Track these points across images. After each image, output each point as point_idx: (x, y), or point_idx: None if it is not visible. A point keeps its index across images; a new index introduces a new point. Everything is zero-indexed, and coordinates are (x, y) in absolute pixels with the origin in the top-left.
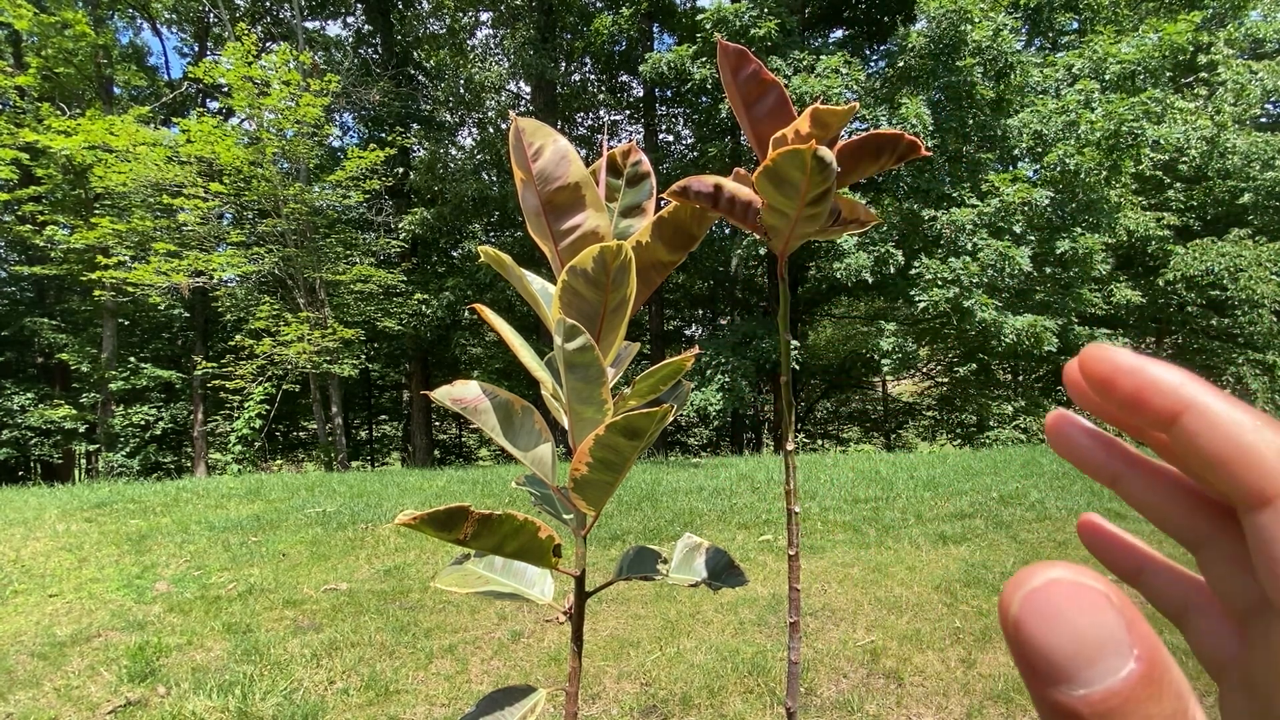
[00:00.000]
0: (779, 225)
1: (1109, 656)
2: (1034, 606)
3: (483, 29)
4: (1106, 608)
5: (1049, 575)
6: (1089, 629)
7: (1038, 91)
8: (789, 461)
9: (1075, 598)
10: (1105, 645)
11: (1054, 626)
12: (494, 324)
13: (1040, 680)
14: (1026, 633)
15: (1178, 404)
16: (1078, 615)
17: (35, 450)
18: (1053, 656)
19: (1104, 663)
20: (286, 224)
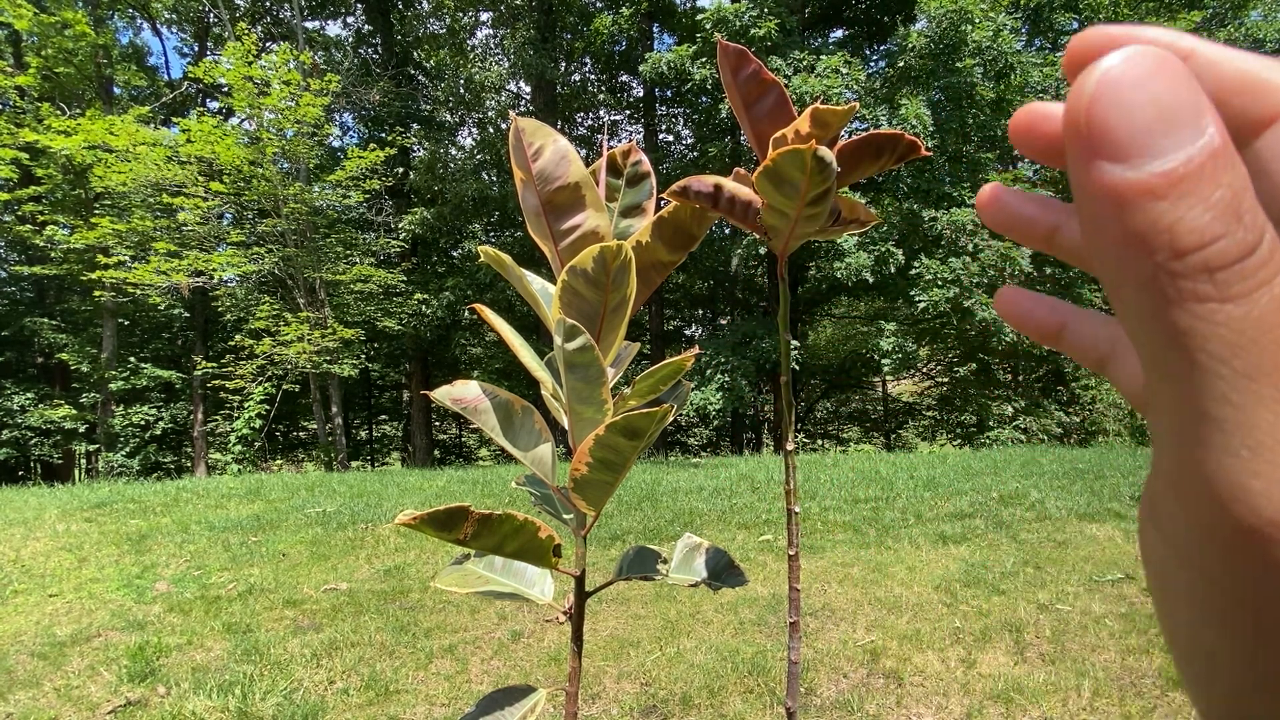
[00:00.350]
0: (779, 225)
1: (1187, 127)
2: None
3: (483, 29)
4: (1187, 79)
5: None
6: (1169, 98)
7: (1038, 92)
8: (789, 461)
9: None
10: (1185, 116)
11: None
12: (494, 324)
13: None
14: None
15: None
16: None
17: (35, 450)
18: (1128, 128)
19: (1181, 131)
20: (286, 224)
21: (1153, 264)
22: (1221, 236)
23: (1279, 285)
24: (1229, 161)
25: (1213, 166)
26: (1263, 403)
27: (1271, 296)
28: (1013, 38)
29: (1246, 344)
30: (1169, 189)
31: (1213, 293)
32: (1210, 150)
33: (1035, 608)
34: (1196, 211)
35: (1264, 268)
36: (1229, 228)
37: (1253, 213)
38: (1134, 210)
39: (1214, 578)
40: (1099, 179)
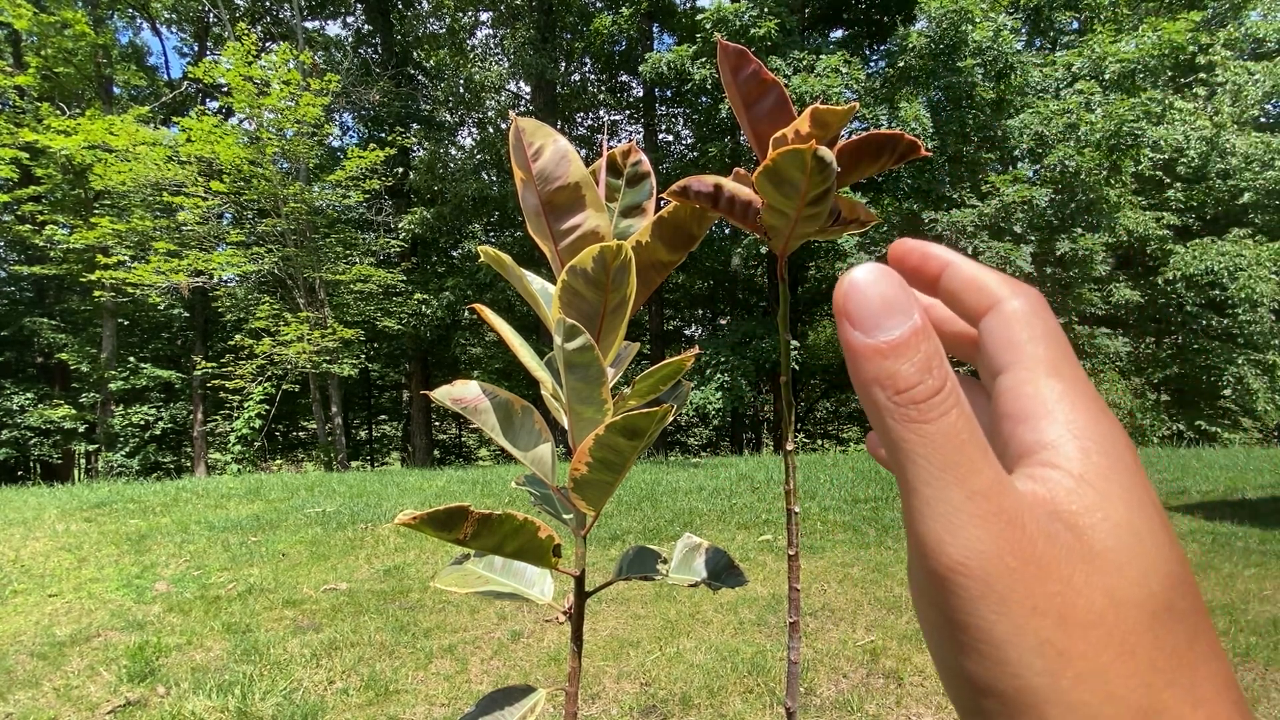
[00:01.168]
0: (779, 225)
1: (900, 314)
2: (855, 283)
3: (483, 29)
4: (901, 285)
5: (865, 265)
6: (890, 297)
7: (1038, 92)
8: (789, 461)
9: (883, 276)
10: (900, 307)
11: (869, 295)
12: (494, 324)
13: (861, 328)
14: (853, 299)
15: (941, 263)
16: (885, 287)
17: (35, 450)
18: (869, 313)
19: (898, 317)
20: (286, 224)
21: (884, 396)
22: (920, 382)
23: (953, 414)
24: (926, 335)
25: (916, 339)
26: (949, 485)
27: (950, 419)
28: (1013, 38)
29: (937, 448)
30: (891, 351)
31: (917, 416)
32: (914, 329)
33: None
34: (907, 366)
35: (945, 401)
36: (924, 377)
37: (939, 367)
38: (872, 363)
39: (932, 607)
40: (851, 341)
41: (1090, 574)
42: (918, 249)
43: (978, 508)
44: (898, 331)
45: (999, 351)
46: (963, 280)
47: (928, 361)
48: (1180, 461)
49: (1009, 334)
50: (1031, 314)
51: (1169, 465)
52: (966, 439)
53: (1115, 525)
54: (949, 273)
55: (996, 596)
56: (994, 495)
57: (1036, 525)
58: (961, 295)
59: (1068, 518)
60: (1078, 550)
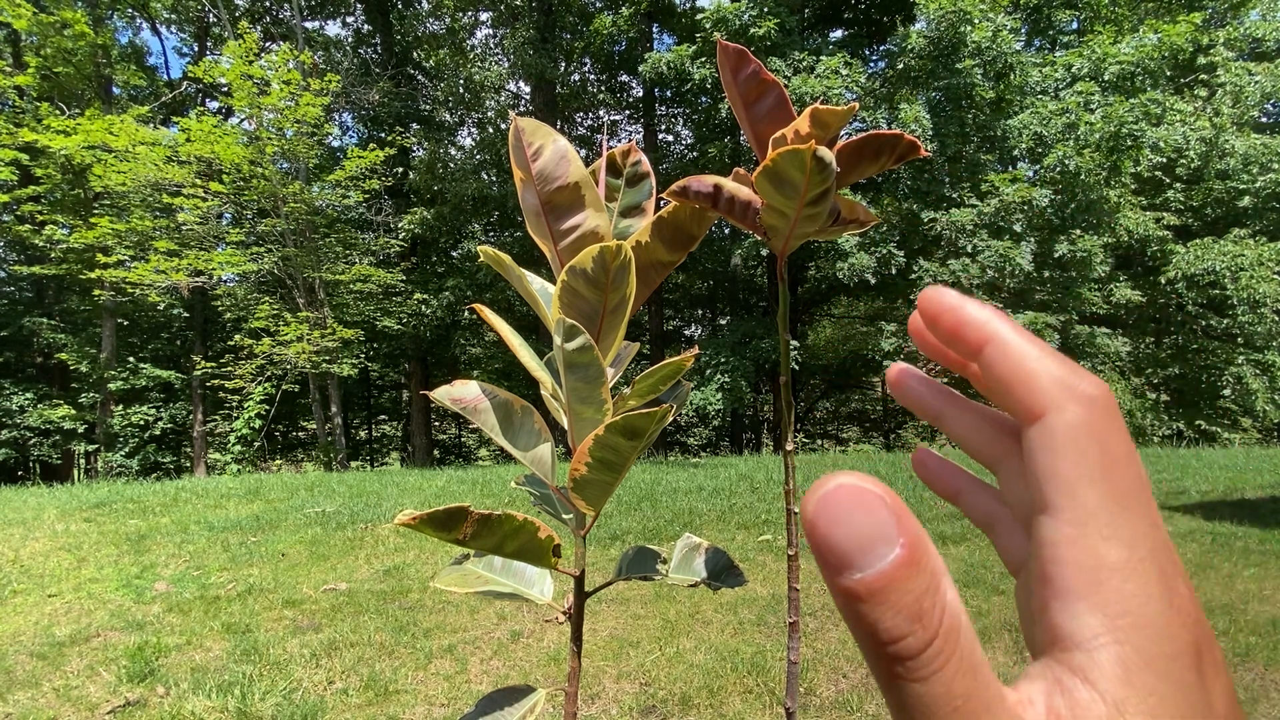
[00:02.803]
0: (779, 225)
1: (879, 545)
2: (823, 508)
3: (482, 29)
4: (880, 507)
5: (836, 481)
6: (865, 525)
7: (1037, 92)
8: (788, 461)
9: (855, 499)
10: (877, 537)
11: (838, 524)
12: (494, 324)
13: (830, 569)
14: (819, 531)
15: (983, 336)
16: (856, 514)
17: (34, 450)
18: (837, 549)
19: (875, 550)
20: (286, 223)
21: (868, 647)
22: (907, 635)
23: (948, 670)
24: (914, 570)
25: (901, 576)
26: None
27: (944, 679)
28: (1012, 38)
29: (932, 711)
30: (869, 596)
31: (904, 674)
32: (898, 563)
33: None
34: (889, 615)
35: (936, 658)
36: (911, 628)
37: (930, 611)
38: (850, 607)
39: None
40: (827, 580)
41: None
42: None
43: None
44: (878, 567)
45: (1044, 482)
46: (1008, 370)
47: (916, 606)
48: (1180, 461)
49: (1055, 463)
50: (1086, 436)
51: (1169, 465)
52: (963, 701)
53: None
54: (990, 353)
55: None
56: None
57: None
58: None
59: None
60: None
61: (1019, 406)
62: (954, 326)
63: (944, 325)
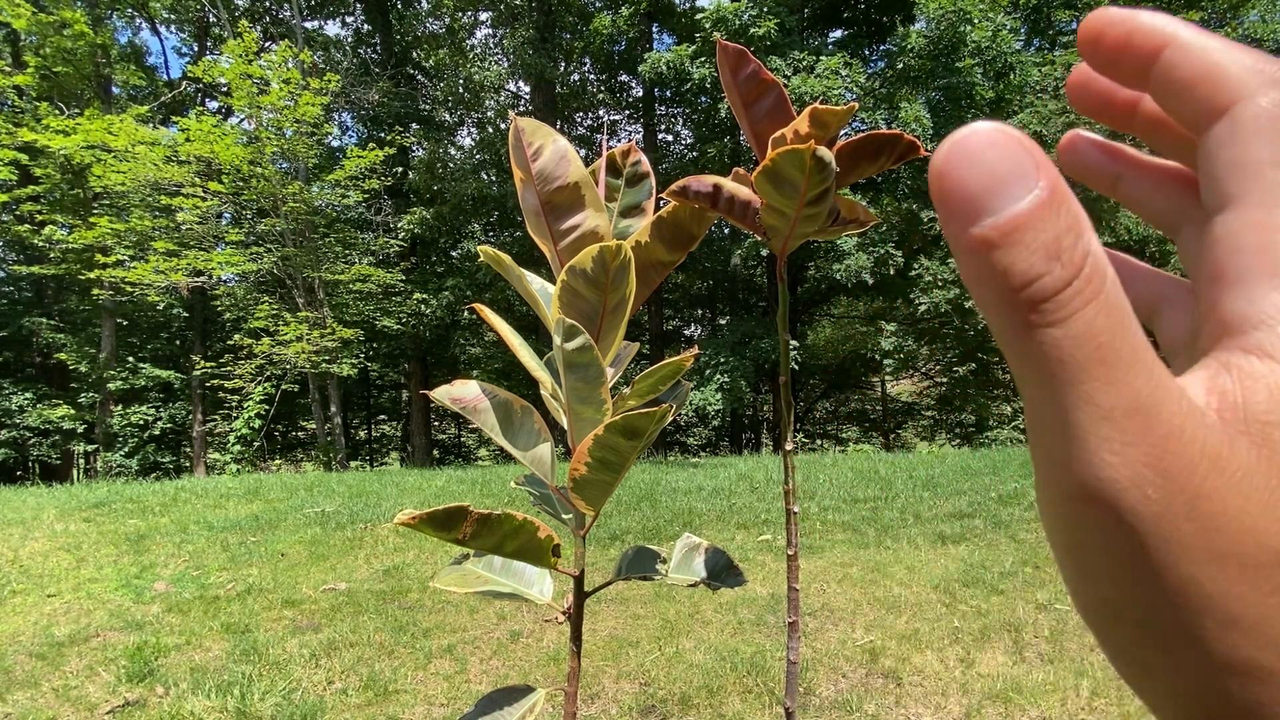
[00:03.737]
0: (778, 225)
1: (1015, 186)
2: (955, 153)
3: (482, 29)
4: (1018, 148)
5: (971, 127)
6: (1000, 165)
7: (1037, 91)
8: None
9: (990, 141)
10: (1013, 177)
11: (971, 167)
12: (493, 324)
13: (959, 219)
14: (950, 176)
15: (1159, 40)
16: (990, 153)
17: (34, 450)
18: (968, 193)
19: (1011, 191)
20: (285, 223)
21: (997, 299)
22: (1044, 275)
23: (1090, 310)
24: (1054, 210)
25: (1038, 216)
26: (1078, 405)
27: (1083, 319)
28: (1012, 37)
29: (1065, 359)
30: (1002, 239)
31: (1039, 320)
32: (1036, 203)
33: (1034, 607)
34: (1024, 255)
35: (1077, 296)
36: (1050, 266)
37: (1071, 250)
38: (978, 257)
39: (1064, 536)
40: (952, 232)
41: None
42: (1123, 20)
43: (1113, 430)
44: (1013, 209)
45: (1224, 178)
46: (1189, 69)
47: (1055, 244)
48: None
49: (1242, 151)
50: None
51: None
52: (1106, 340)
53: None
54: (1169, 56)
55: (1130, 532)
56: (1139, 412)
57: (1200, 444)
58: (1186, 93)
59: (1259, 430)
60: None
61: (1203, 105)
62: (1124, 36)
63: (1110, 40)
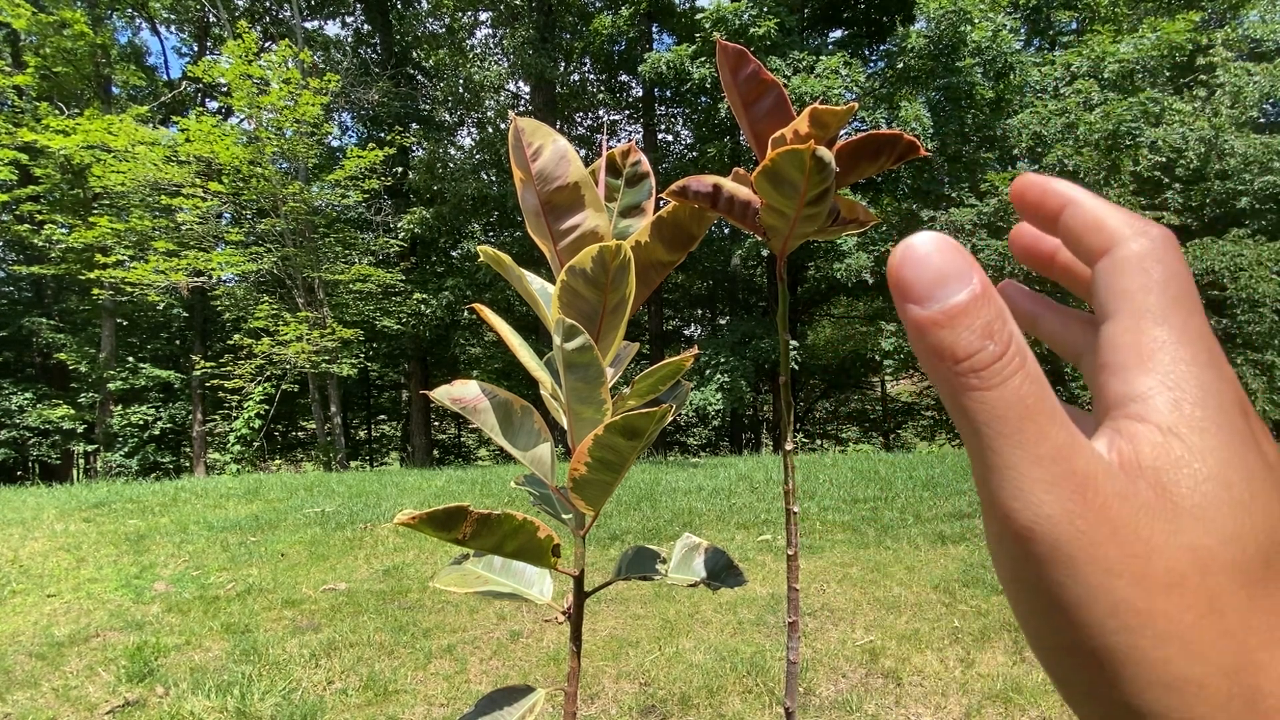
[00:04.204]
0: (778, 225)
1: (955, 282)
2: (908, 253)
3: (482, 29)
4: (957, 252)
5: (919, 234)
6: (944, 265)
7: (1036, 91)
8: (788, 461)
9: (935, 245)
10: (954, 275)
11: (921, 264)
12: (493, 324)
13: (911, 302)
14: (905, 270)
15: (1063, 200)
16: (936, 256)
17: (33, 450)
18: (920, 284)
19: (953, 285)
20: (285, 223)
21: (944, 366)
22: (981, 350)
23: (1017, 378)
24: (985, 301)
25: (975, 305)
26: (1013, 451)
27: (1013, 385)
28: (1012, 37)
29: (1001, 414)
30: (947, 321)
31: (979, 384)
32: (972, 295)
33: None
34: (965, 335)
35: (1007, 366)
36: (985, 344)
37: (1000, 331)
38: (928, 334)
39: (1009, 568)
40: (907, 313)
41: (1172, 533)
42: (1037, 185)
43: (1045, 472)
44: (956, 299)
45: (1108, 299)
46: (1082, 220)
47: (988, 327)
48: None
49: (1119, 280)
50: (1148, 257)
51: None
52: (1032, 403)
53: (1203, 480)
54: (1069, 211)
55: (1065, 559)
56: (1063, 458)
57: (1112, 486)
58: (1081, 237)
59: (1151, 475)
60: (1159, 509)
61: (1092, 246)
62: (1039, 197)
63: (1030, 198)
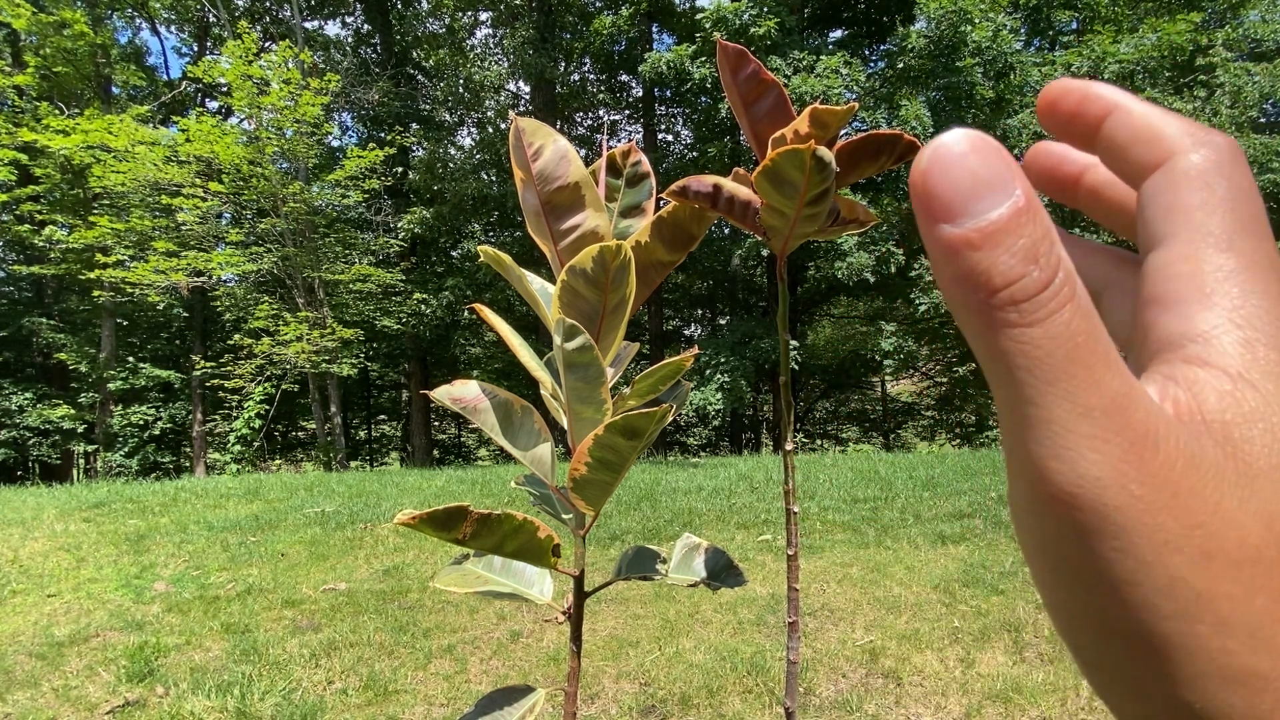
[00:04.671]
0: (778, 225)
1: (997, 191)
2: (937, 156)
3: (482, 29)
4: (997, 156)
5: (951, 132)
6: (981, 171)
7: (1037, 91)
8: (788, 461)
9: (971, 146)
10: (995, 184)
11: (952, 170)
12: (493, 324)
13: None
14: (930, 178)
15: (1107, 106)
16: (972, 159)
17: (34, 450)
18: (950, 195)
19: (992, 197)
20: (285, 223)
21: (976, 298)
22: (1023, 276)
23: (1066, 312)
24: (1030, 217)
25: (1017, 222)
26: (1057, 402)
27: (1061, 320)
28: (1012, 37)
29: (1044, 357)
30: (983, 241)
31: (1018, 319)
32: (1015, 209)
33: (1034, 607)
34: (1004, 258)
35: (1055, 298)
36: (1028, 269)
37: (1047, 255)
38: (959, 257)
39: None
40: (932, 233)
41: (1245, 499)
42: (1077, 89)
43: (1094, 427)
44: (994, 214)
45: (1159, 220)
46: (1131, 129)
47: (1033, 248)
48: None
49: (1175, 197)
50: (1212, 171)
51: None
52: (1082, 341)
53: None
54: (1114, 119)
55: (1115, 529)
56: (1117, 410)
57: (1174, 443)
58: (1129, 149)
59: (1219, 429)
60: (1229, 471)
61: (1143, 159)
62: (1078, 104)
63: (1066, 107)
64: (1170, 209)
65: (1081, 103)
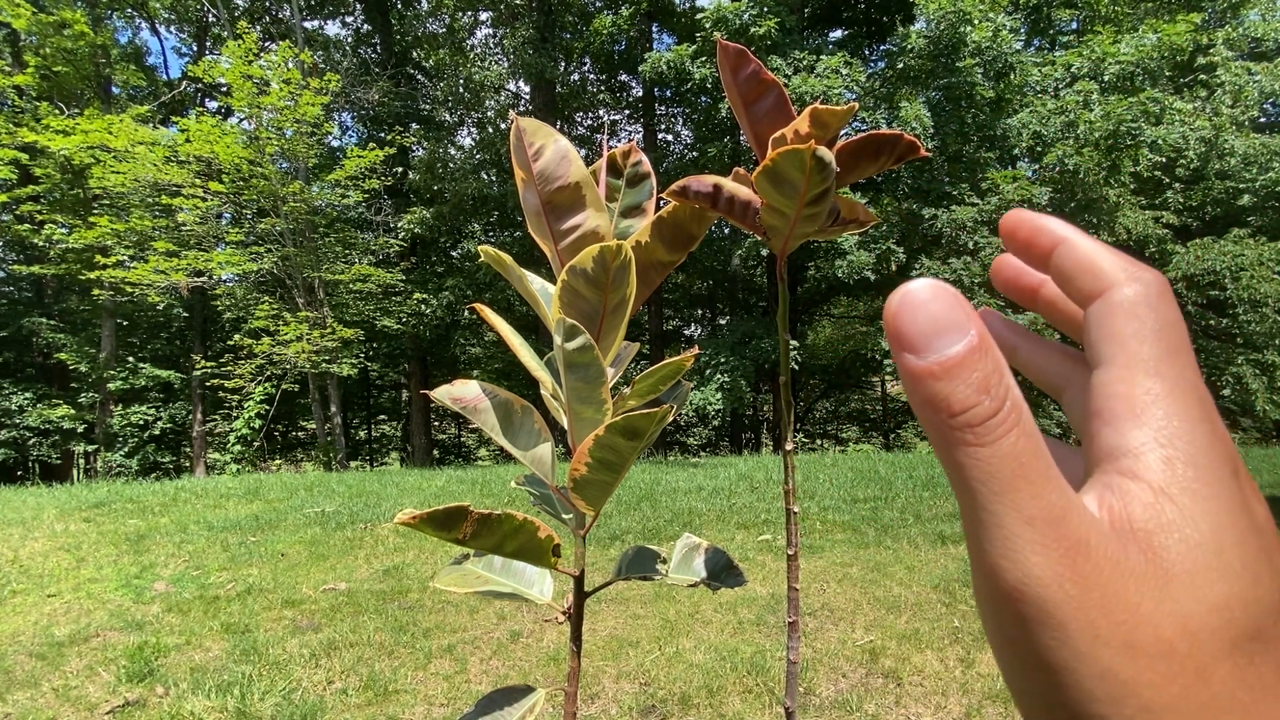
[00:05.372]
0: (778, 225)
1: (954, 332)
2: (906, 301)
3: (482, 29)
4: (955, 302)
5: (917, 281)
6: (942, 315)
7: (1036, 91)
8: (788, 461)
9: (934, 294)
10: (952, 325)
11: (919, 313)
12: (494, 323)
13: (908, 352)
14: (902, 319)
15: (1056, 238)
16: (934, 305)
17: (34, 450)
18: (917, 334)
19: (951, 335)
20: (285, 223)
21: (938, 419)
22: (977, 404)
23: (1013, 435)
24: (983, 354)
25: (972, 359)
26: (1006, 511)
27: (1008, 442)
28: (1012, 38)
29: (994, 472)
30: (943, 373)
31: (973, 439)
32: (969, 347)
33: None
34: (960, 388)
35: (1003, 424)
36: (981, 399)
37: (997, 386)
38: (924, 385)
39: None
40: (902, 364)
41: (1162, 600)
42: (1028, 222)
43: (1036, 534)
44: (951, 351)
45: (1101, 343)
46: (1075, 261)
47: (985, 381)
48: None
49: (1112, 326)
50: (1142, 304)
51: None
52: (1026, 461)
53: (1195, 545)
54: (1061, 251)
55: (1055, 624)
56: (1055, 521)
57: (1103, 550)
58: (1073, 279)
59: (1142, 537)
60: (1149, 574)
61: (1084, 288)
62: (1030, 234)
63: (1021, 235)
64: (1109, 334)
65: (1033, 234)
